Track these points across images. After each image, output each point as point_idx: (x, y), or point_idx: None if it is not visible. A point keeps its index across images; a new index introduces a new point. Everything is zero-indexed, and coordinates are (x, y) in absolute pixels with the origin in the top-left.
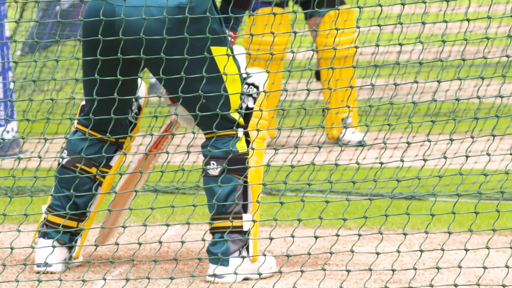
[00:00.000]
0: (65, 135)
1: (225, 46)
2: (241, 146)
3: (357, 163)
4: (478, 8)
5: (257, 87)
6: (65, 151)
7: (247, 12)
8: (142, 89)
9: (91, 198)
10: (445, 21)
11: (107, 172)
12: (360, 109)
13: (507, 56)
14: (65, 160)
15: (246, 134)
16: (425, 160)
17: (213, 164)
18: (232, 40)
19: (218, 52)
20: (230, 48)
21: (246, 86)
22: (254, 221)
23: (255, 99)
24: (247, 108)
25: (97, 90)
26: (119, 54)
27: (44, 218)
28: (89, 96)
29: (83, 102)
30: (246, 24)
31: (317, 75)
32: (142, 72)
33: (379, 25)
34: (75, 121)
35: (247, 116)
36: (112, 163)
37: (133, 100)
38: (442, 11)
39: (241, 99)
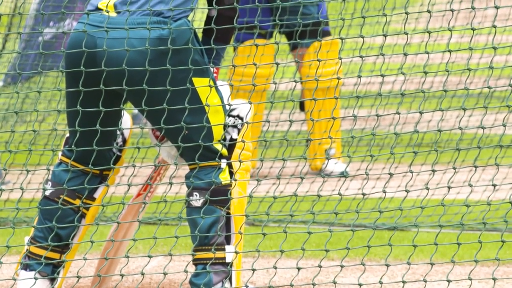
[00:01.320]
0: (48, 166)
1: (207, 77)
2: (224, 177)
3: (340, 194)
4: (460, 39)
5: (242, 119)
6: (49, 182)
7: (230, 43)
8: (127, 122)
9: (74, 229)
10: (427, 52)
11: (90, 204)
12: (342, 139)
13: (488, 87)
14: (48, 192)
15: (230, 165)
16: (407, 191)
17: (196, 195)
18: (215, 75)
19: (200, 83)
20: (213, 79)
21: (231, 118)
22: (236, 252)
23: (239, 130)
24: (231, 139)
25: (79, 122)
26: (101, 86)
27: (27, 250)
28: (72, 127)
29: (68, 135)
30: (229, 55)
31: (301, 106)
32: (125, 103)
33: (361, 56)
34: (60, 153)
35: (231, 147)
36: (96, 195)
37: (118, 132)
38: (424, 42)
39: (225, 130)
